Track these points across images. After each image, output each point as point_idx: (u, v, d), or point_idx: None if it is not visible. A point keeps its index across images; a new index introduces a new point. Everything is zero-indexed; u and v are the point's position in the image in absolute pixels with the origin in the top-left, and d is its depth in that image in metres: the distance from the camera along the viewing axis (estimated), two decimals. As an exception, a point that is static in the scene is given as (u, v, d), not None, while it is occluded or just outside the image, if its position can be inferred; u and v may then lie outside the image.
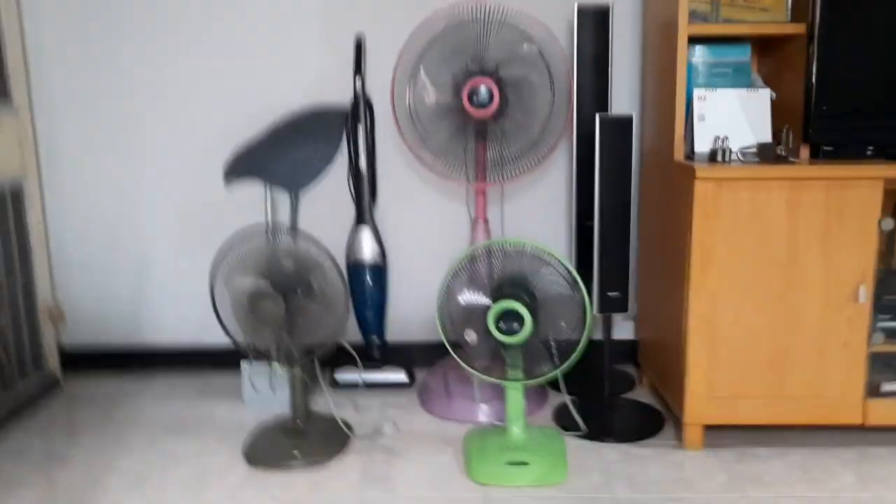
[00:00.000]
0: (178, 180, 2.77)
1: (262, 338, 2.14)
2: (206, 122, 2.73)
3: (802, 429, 2.30)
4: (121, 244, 2.81)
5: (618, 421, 2.35)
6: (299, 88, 2.69)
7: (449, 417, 2.43)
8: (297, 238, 2.14)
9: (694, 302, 2.06)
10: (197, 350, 2.87)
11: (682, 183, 2.09)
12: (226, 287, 2.09)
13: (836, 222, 2.00)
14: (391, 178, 2.75)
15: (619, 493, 1.96)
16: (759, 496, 1.93)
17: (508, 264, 1.98)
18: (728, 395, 2.12)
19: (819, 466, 2.09)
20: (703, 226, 2.02)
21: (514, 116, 2.26)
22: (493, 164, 2.35)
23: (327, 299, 2.11)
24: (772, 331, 2.08)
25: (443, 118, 2.32)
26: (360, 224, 2.63)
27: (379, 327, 2.72)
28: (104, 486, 2.05)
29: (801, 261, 2.03)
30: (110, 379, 2.83)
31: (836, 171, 1.97)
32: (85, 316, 2.85)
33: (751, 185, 1.99)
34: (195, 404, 2.58)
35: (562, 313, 1.98)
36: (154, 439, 2.33)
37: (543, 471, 2.03)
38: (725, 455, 2.15)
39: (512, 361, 2.05)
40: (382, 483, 2.03)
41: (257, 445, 2.22)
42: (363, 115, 2.57)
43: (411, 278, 2.81)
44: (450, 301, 2.02)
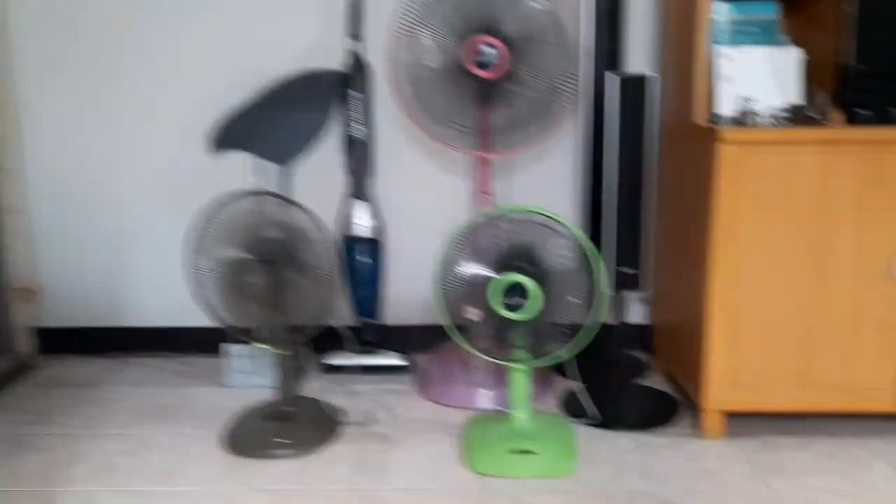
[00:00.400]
0: (161, 150, 2.59)
1: (246, 315, 1.97)
2: (191, 88, 2.55)
3: (831, 417, 2.13)
4: (100, 219, 2.64)
5: (630, 408, 2.18)
6: (290, 52, 2.51)
7: (449, 404, 2.26)
8: (284, 206, 1.97)
9: (716, 277, 1.90)
10: (179, 332, 2.69)
11: (704, 147, 1.91)
12: (205, 258, 1.92)
13: (871, 191, 1.84)
14: (389, 148, 2.57)
15: (632, 485, 1.79)
16: (784, 488, 1.77)
17: (514, 234, 1.81)
18: (751, 380, 1.95)
19: (849, 457, 1.92)
20: (728, 193, 1.85)
21: (521, 78, 2.08)
22: (499, 131, 2.18)
23: (317, 273, 1.94)
24: (799, 310, 1.91)
25: (444, 81, 2.14)
26: (355, 197, 2.46)
27: (375, 308, 2.55)
28: (70, 474, 1.88)
29: (832, 233, 1.87)
30: (87, 362, 2.66)
31: (874, 135, 1.81)
32: (61, 295, 2.68)
33: (780, 149, 1.82)
34: (175, 389, 2.41)
35: (572, 288, 1.81)
36: (128, 425, 2.15)
37: (550, 461, 1.86)
38: (747, 444, 1.99)
39: (517, 341, 1.88)
40: (375, 473, 1.87)
41: (239, 431, 2.05)
42: (358, 79, 2.40)
43: (410, 257, 2.63)
44: (449, 274, 1.85)
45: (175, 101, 2.56)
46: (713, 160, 1.86)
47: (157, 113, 2.56)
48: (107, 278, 2.67)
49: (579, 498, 1.74)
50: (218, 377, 2.49)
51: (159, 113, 2.56)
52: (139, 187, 2.61)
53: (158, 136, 2.58)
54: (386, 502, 1.73)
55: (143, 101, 2.56)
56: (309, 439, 2.00)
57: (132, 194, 2.62)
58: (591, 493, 1.76)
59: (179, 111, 2.56)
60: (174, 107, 2.56)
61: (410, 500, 1.74)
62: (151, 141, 2.58)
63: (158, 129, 2.57)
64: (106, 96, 2.56)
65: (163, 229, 2.63)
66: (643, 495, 1.75)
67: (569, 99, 2.10)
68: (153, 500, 1.76)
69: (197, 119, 2.56)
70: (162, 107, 2.56)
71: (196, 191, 2.60)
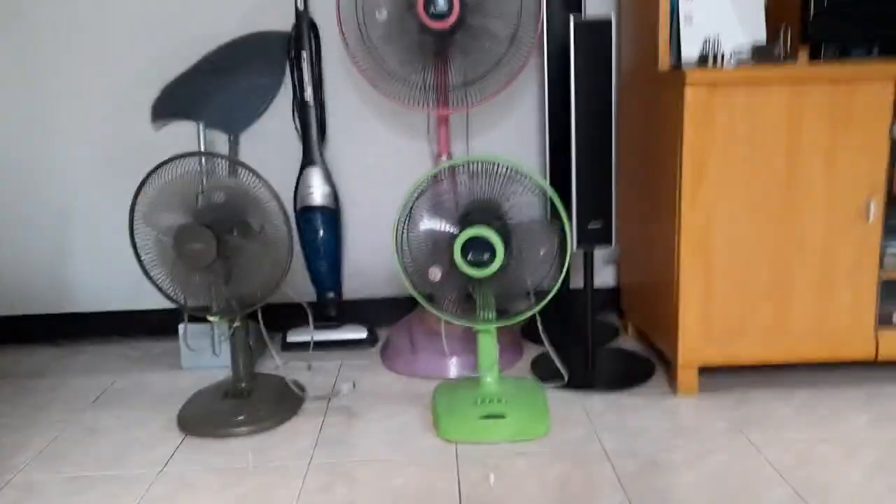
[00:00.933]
0: (100, 122, 2.44)
1: (194, 287, 1.85)
2: (131, 54, 2.40)
3: (807, 367, 2.08)
4: (38, 198, 2.48)
5: (603, 370, 2.11)
6: (235, 13, 2.38)
7: (415, 374, 2.16)
8: (231, 169, 1.86)
9: (686, 227, 1.82)
10: (131, 315, 2.56)
11: (669, 93, 1.84)
12: (147, 225, 1.79)
13: (841, 130, 1.78)
14: (342, 111, 2.46)
15: (607, 445, 1.72)
16: (764, 441, 1.71)
17: (476, 186, 1.72)
18: (725, 333, 1.89)
19: (827, 407, 1.87)
20: (696, 137, 1.77)
21: (477, 28, 1.99)
22: (456, 87, 2.09)
23: (268, 238, 1.83)
24: (772, 257, 1.85)
25: (397, 36, 2.04)
26: (308, 165, 2.35)
27: (335, 282, 2.44)
28: (12, 464, 1.75)
29: (803, 175, 1.80)
30: (32, 351, 2.51)
31: (843, 71, 1.74)
32: (0, 281, 2.52)
33: (747, 89, 1.75)
34: (126, 374, 2.28)
35: (538, 241, 1.73)
36: (76, 412, 2.02)
37: (522, 424, 1.78)
38: (724, 400, 1.93)
39: (483, 300, 1.79)
40: (339, 446, 1.77)
41: (194, 412, 1.93)
42: (307, 39, 2.29)
43: (368, 226, 2.53)
44: (410, 232, 1.75)
45: (114, 72, 2.41)
46: (679, 104, 1.78)
47: (95, 85, 2.41)
48: (49, 262, 2.52)
49: (553, 459, 1.66)
50: (173, 360, 2.37)
51: (97, 85, 2.41)
52: (80, 165, 2.46)
53: (98, 109, 2.43)
54: (350, 475, 1.64)
55: (80, 74, 2.41)
56: (268, 416, 1.89)
57: (73, 172, 2.47)
58: (565, 454, 1.68)
59: (119, 82, 2.41)
60: (113, 77, 2.41)
61: (376, 471, 1.65)
62: (91, 115, 2.43)
63: (97, 101, 2.42)
64: (40, 71, 2.40)
65: (106, 207, 2.49)
66: (619, 454, 1.67)
67: (528, 48, 2.01)
68: (102, 485, 1.64)
69: (138, 89, 2.43)
70: (100, 78, 2.41)
71: (140, 165, 2.46)
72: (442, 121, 2.18)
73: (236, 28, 2.37)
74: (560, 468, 1.63)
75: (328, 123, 2.44)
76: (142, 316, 2.56)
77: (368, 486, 1.59)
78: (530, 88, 2.46)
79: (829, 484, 1.53)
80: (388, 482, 1.60)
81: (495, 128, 2.48)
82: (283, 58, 2.36)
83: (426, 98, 2.11)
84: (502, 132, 2.48)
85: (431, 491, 1.56)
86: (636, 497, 1.50)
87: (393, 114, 2.45)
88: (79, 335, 2.57)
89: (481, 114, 2.45)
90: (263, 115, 2.42)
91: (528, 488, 1.55)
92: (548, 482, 1.57)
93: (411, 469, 1.65)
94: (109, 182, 2.47)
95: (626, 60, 2.22)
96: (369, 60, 2.09)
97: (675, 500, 1.49)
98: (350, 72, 2.39)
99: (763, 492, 1.50)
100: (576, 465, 1.63)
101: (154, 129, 2.43)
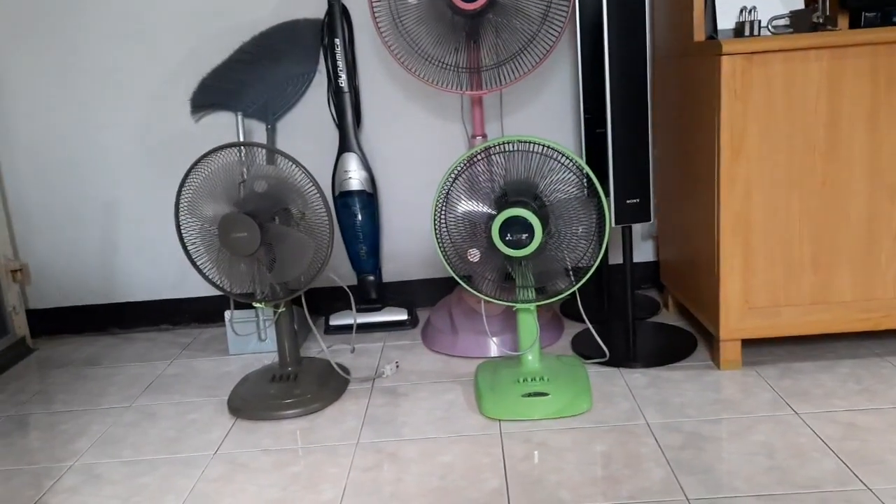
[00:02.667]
0: (142, 115, 2.50)
1: (239, 274, 1.90)
2: (168, 48, 2.45)
3: (851, 337, 2.06)
4: (84, 192, 2.56)
5: (644, 345, 2.11)
6: (268, 3, 2.41)
7: (456, 354, 2.19)
8: (272, 158, 1.89)
9: (725, 198, 1.81)
10: (178, 303, 2.63)
11: (705, 64, 1.82)
12: (192, 216, 1.84)
13: (884, 95, 1.74)
14: (376, 96, 2.48)
15: (651, 420, 1.73)
16: (811, 412, 1.70)
17: (512, 166, 1.73)
18: (767, 305, 1.88)
19: (874, 376, 1.85)
20: (733, 108, 1.75)
21: (509, 7, 1.98)
22: (489, 67, 2.09)
23: (309, 225, 1.86)
24: (814, 227, 1.83)
25: (429, 18, 2.05)
26: (345, 151, 2.38)
27: (374, 265, 2.47)
28: (73, 449, 1.83)
29: (844, 143, 1.77)
30: (85, 340, 2.61)
31: (885, 35, 1.70)
32: (52, 274, 2.61)
33: (785, 56, 1.72)
34: (177, 360, 2.35)
35: (576, 219, 1.73)
36: (131, 398, 2.10)
37: (565, 401, 1.79)
38: (768, 372, 1.92)
39: (522, 280, 1.81)
40: (385, 427, 1.81)
41: (244, 395, 1.98)
42: (340, 26, 2.31)
43: (406, 209, 2.55)
44: (447, 213, 1.77)
45: (153, 66, 2.46)
46: (715, 75, 1.76)
47: (136, 79, 2.47)
48: (97, 253, 2.60)
49: (596, 434, 1.68)
50: (221, 346, 2.44)
51: (138, 79, 2.47)
52: (123, 158, 2.53)
53: (139, 102, 2.49)
54: (397, 454, 1.67)
55: (121, 69, 2.46)
56: (315, 398, 1.94)
57: (117, 165, 2.54)
58: (608, 430, 1.70)
59: (158, 75, 2.47)
60: (152, 71, 2.46)
61: (423, 448, 1.68)
62: (132, 109, 2.49)
63: (138, 95, 2.48)
64: (79, 66, 2.47)
65: (150, 198, 2.55)
66: (663, 428, 1.68)
67: (560, 25, 2.00)
68: (158, 468, 1.70)
69: (177, 82, 2.48)
70: (140, 72, 2.46)
71: (181, 156, 2.53)
72: (476, 102, 2.18)
73: (270, 18, 2.40)
74: (604, 443, 1.64)
75: (363, 109, 2.47)
76: (189, 303, 2.63)
77: (415, 464, 1.62)
78: (564, 66, 2.45)
79: (878, 454, 1.52)
80: (434, 460, 1.63)
81: (529, 107, 2.48)
82: (317, 45, 2.39)
83: (459, 79, 2.11)
84: (536, 111, 2.48)
85: (477, 468, 1.59)
86: (681, 471, 1.51)
87: (427, 96, 2.47)
88: (130, 324, 2.66)
89: (515, 93, 2.45)
90: (298, 103, 2.45)
91: (572, 463, 1.57)
92: (592, 457, 1.59)
93: (456, 447, 1.68)
94: (152, 174, 2.53)
95: (661, 33, 2.20)
96: (402, 44, 2.10)
97: (721, 473, 1.49)
98: (383, 57, 2.41)
99: (810, 464, 1.50)
100: (619, 440, 1.65)
101: (193, 120, 2.48)
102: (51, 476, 1.71)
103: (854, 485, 1.42)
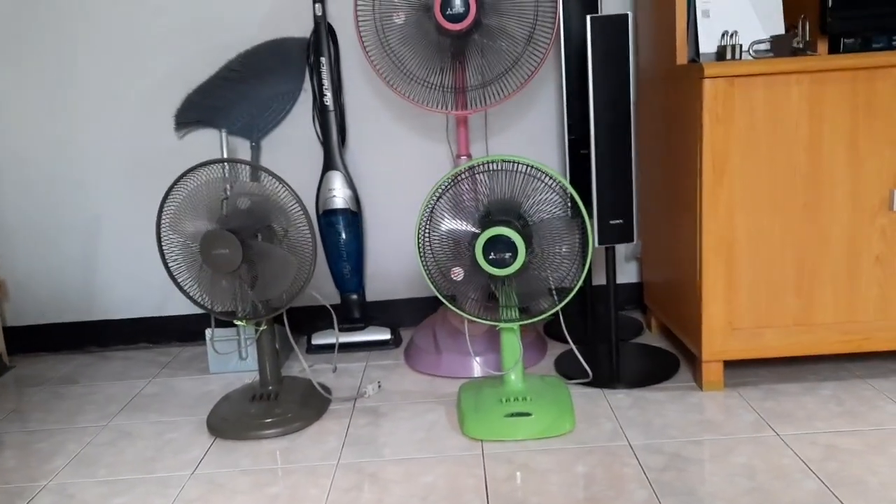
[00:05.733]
0: (125, 132, 2.49)
1: (221, 292, 1.88)
2: (153, 65, 2.44)
3: (833, 359, 2.07)
4: (65, 208, 2.54)
5: (627, 366, 2.11)
6: (254, 21, 2.41)
7: (439, 374, 2.18)
8: (255, 175, 1.88)
9: (708, 221, 1.82)
10: (158, 321, 2.60)
11: (687, 87, 1.84)
12: (174, 232, 1.83)
13: (864, 119, 1.77)
14: (361, 115, 2.48)
15: (633, 441, 1.72)
16: (793, 434, 1.70)
17: (497, 186, 1.73)
18: (750, 327, 1.89)
19: (856, 399, 1.85)
20: (715, 132, 1.77)
21: (494, 28, 2.00)
22: (474, 87, 2.10)
23: (292, 242, 1.85)
24: (796, 249, 1.84)
25: (415, 38, 2.06)
26: (329, 169, 2.38)
27: (358, 284, 2.46)
28: (48, 469, 1.79)
29: (825, 166, 1.80)
30: (62, 358, 2.57)
31: (863, 60, 1.73)
32: (31, 290, 2.58)
33: (766, 81, 1.74)
34: (156, 379, 2.32)
35: (560, 239, 1.73)
36: (108, 417, 2.07)
37: (548, 421, 1.78)
38: (750, 393, 1.92)
39: (506, 299, 1.80)
40: (366, 446, 1.79)
41: (223, 415, 1.96)
42: (326, 44, 2.31)
43: (390, 229, 2.55)
44: (431, 233, 1.77)
45: (137, 82, 2.45)
46: (697, 98, 1.78)
47: (120, 96, 2.46)
48: (77, 270, 2.57)
49: (579, 455, 1.67)
50: (201, 365, 2.41)
51: (121, 95, 2.46)
52: (106, 174, 2.51)
53: (122, 119, 2.48)
54: (379, 474, 1.65)
55: (105, 85, 2.45)
56: (295, 418, 1.91)
57: (99, 181, 2.52)
58: (591, 451, 1.69)
59: (142, 92, 2.46)
60: (137, 88, 2.46)
61: (404, 469, 1.66)
62: (116, 125, 2.48)
63: (122, 111, 2.47)
64: (64, 81, 2.46)
65: (133, 215, 2.53)
66: (645, 449, 1.68)
67: (545, 47, 2.02)
68: (134, 488, 1.67)
69: (161, 98, 2.47)
70: (124, 89, 2.46)
71: (164, 173, 2.52)
72: (461, 122, 2.19)
73: (256, 36, 2.40)
74: (586, 464, 1.63)
75: (348, 127, 2.47)
76: (170, 321, 2.60)
77: (397, 485, 1.60)
78: (548, 87, 2.47)
79: (859, 477, 1.52)
80: (415, 480, 1.62)
81: (514, 127, 2.49)
82: (303, 64, 2.39)
83: (445, 99, 2.12)
84: (521, 131, 2.49)
85: (459, 489, 1.57)
86: (663, 492, 1.50)
87: (412, 116, 2.47)
88: (108, 342, 2.62)
89: (500, 114, 2.46)
90: (284, 121, 2.45)
91: (554, 485, 1.56)
92: (574, 478, 1.58)
93: (438, 468, 1.66)
94: (135, 190, 2.52)
95: (644, 56, 2.22)
96: (388, 64, 2.11)
97: (703, 495, 1.49)
98: (369, 76, 2.42)
99: (792, 485, 1.50)
100: (602, 461, 1.64)
101: (177, 137, 2.47)
102: (24, 496, 1.67)
103: (836, 507, 1.42)
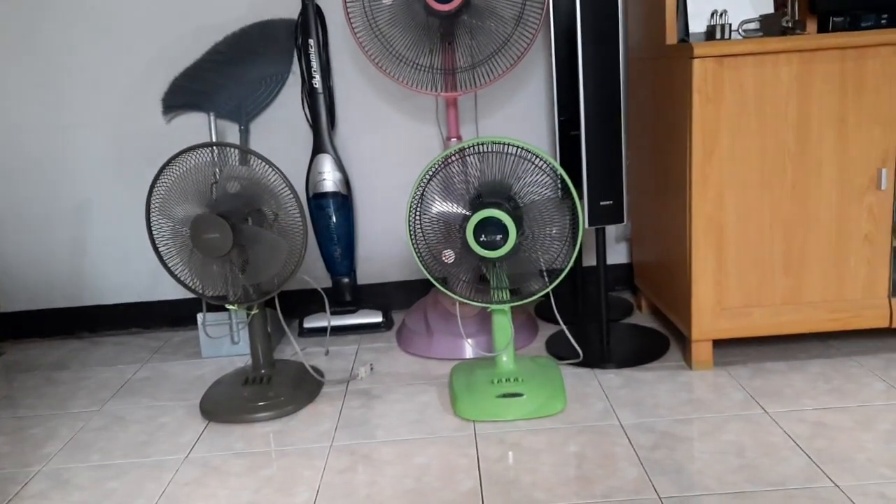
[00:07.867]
0: (113, 116, 2.47)
1: (212, 276, 1.88)
2: (140, 48, 2.42)
3: (821, 337, 2.09)
4: (54, 193, 2.52)
5: (618, 346, 2.13)
6: (241, 2, 2.39)
7: (431, 356, 2.19)
8: (245, 159, 1.88)
9: (698, 201, 1.83)
10: (150, 306, 2.59)
11: (677, 66, 1.84)
12: (164, 217, 1.82)
13: (852, 99, 1.77)
14: (351, 97, 2.47)
15: (624, 420, 1.74)
16: (782, 412, 1.72)
17: (487, 167, 1.73)
18: (739, 306, 1.90)
19: (844, 376, 1.88)
20: (704, 112, 1.77)
21: (483, 9, 1.99)
22: (463, 69, 2.09)
23: (282, 226, 1.85)
24: (784, 229, 1.85)
25: (403, 19, 2.05)
26: (319, 152, 2.37)
27: (349, 267, 2.46)
28: (41, 454, 1.79)
29: (814, 145, 1.80)
30: (53, 344, 2.56)
31: (853, 39, 1.73)
32: (20, 276, 2.57)
33: (756, 60, 1.74)
34: (148, 364, 2.32)
35: (550, 220, 1.74)
36: (101, 402, 2.07)
37: (539, 401, 1.80)
38: (739, 372, 1.94)
39: (497, 281, 1.81)
40: (359, 428, 1.80)
41: (216, 399, 1.96)
42: (314, 26, 2.29)
43: (381, 211, 2.55)
44: (422, 214, 1.76)
45: (124, 66, 2.43)
46: (686, 78, 1.78)
47: (106, 79, 2.44)
48: (67, 256, 2.56)
49: (570, 435, 1.68)
50: (193, 349, 2.41)
51: (108, 79, 2.44)
52: (94, 158, 2.50)
53: (110, 102, 2.46)
54: (372, 456, 1.67)
55: (91, 69, 2.43)
56: (288, 401, 1.92)
57: (87, 166, 2.50)
58: (582, 430, 1.70)
59: (129, 75, 2.44)
60: (124, 71, 2.43)
61: (397, 450, 1.68)
62: (103, 109, 2.46)
63: (109, 95, 2.45)
64: (51, 66, 2.43)
65: (122, 200, 2.52)
66: (636, 428, 1.69)
67: (534, 28, 2.01)
68: (128, 473, 1.68)
69: (149, 82, 2.45)
70: (111, 72, 2.43)
71: (153, 157, 2.50)
72: (451, 103, 2.18)
73: (243, 17, 2.38)
74: (577, 444, 1.65)
75: (337, 110, 2.46)
76: (161, 306, 2.60)
77: (390, 466, 1.61)
78: (538, 68, 2.46)
79: (845, 452, 1.54)
80: (408, 461, 1.63)
81: (504, 109, 2.49)
82: (291, 46, 2.37)
83: (434, 81, 2.11)
84: (511, 113, 2.49)
85: (452, 469, 1.58)
86: (653, 470, 1.52)
87: (402, 98, 2.46)
88: (100, 327, 2.62)
89: (490, 95, 2.46)
90: (272, 104, 2.44)
91: (546, 464, 1.57)
92: (565, 457, 1.59)
93: (431, 448, 1.68)
94: (123, 175, 2.50)
95: (634, 36, 2.22)
96: (376, 45, 2.09)
97: (692, 472, 1.50)
98: (357, 58, 2.40)
99: (780, 462, 1.52)
100: (593, 441, 1.65)
101: (165, 121, 2.45)
102: (17, 481, 1.67)
103: (822, 482, 1.44)
